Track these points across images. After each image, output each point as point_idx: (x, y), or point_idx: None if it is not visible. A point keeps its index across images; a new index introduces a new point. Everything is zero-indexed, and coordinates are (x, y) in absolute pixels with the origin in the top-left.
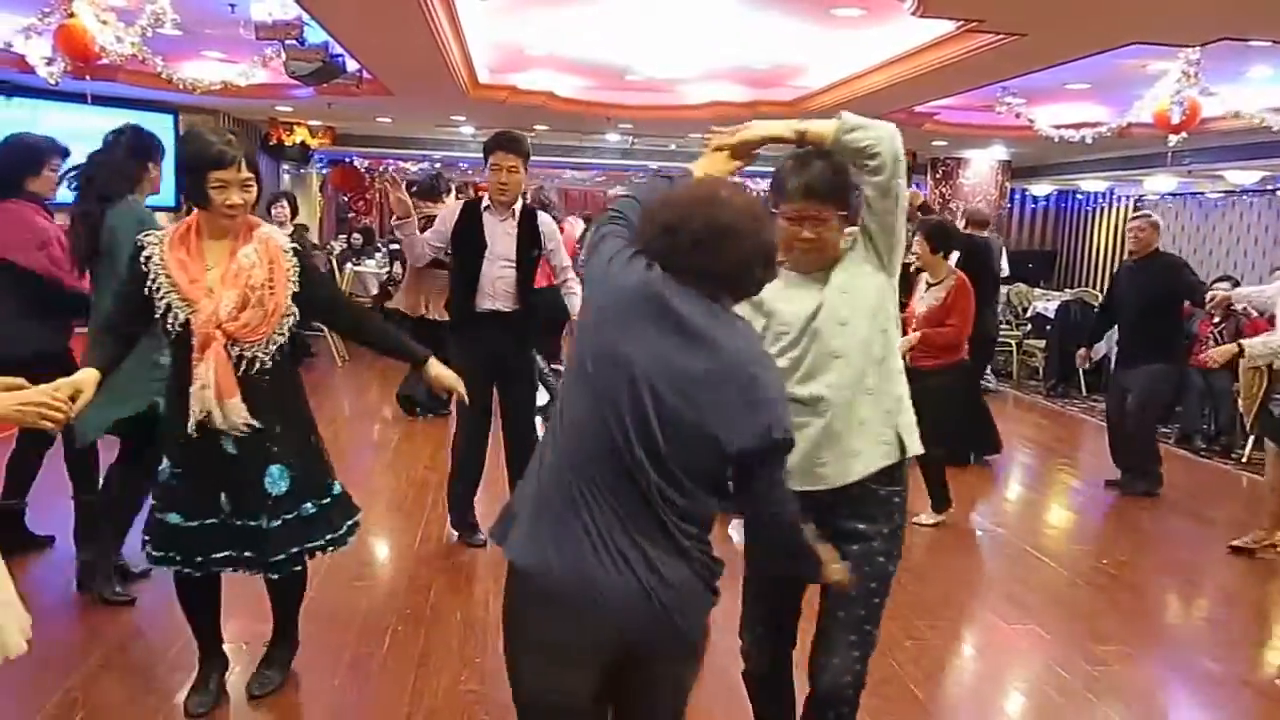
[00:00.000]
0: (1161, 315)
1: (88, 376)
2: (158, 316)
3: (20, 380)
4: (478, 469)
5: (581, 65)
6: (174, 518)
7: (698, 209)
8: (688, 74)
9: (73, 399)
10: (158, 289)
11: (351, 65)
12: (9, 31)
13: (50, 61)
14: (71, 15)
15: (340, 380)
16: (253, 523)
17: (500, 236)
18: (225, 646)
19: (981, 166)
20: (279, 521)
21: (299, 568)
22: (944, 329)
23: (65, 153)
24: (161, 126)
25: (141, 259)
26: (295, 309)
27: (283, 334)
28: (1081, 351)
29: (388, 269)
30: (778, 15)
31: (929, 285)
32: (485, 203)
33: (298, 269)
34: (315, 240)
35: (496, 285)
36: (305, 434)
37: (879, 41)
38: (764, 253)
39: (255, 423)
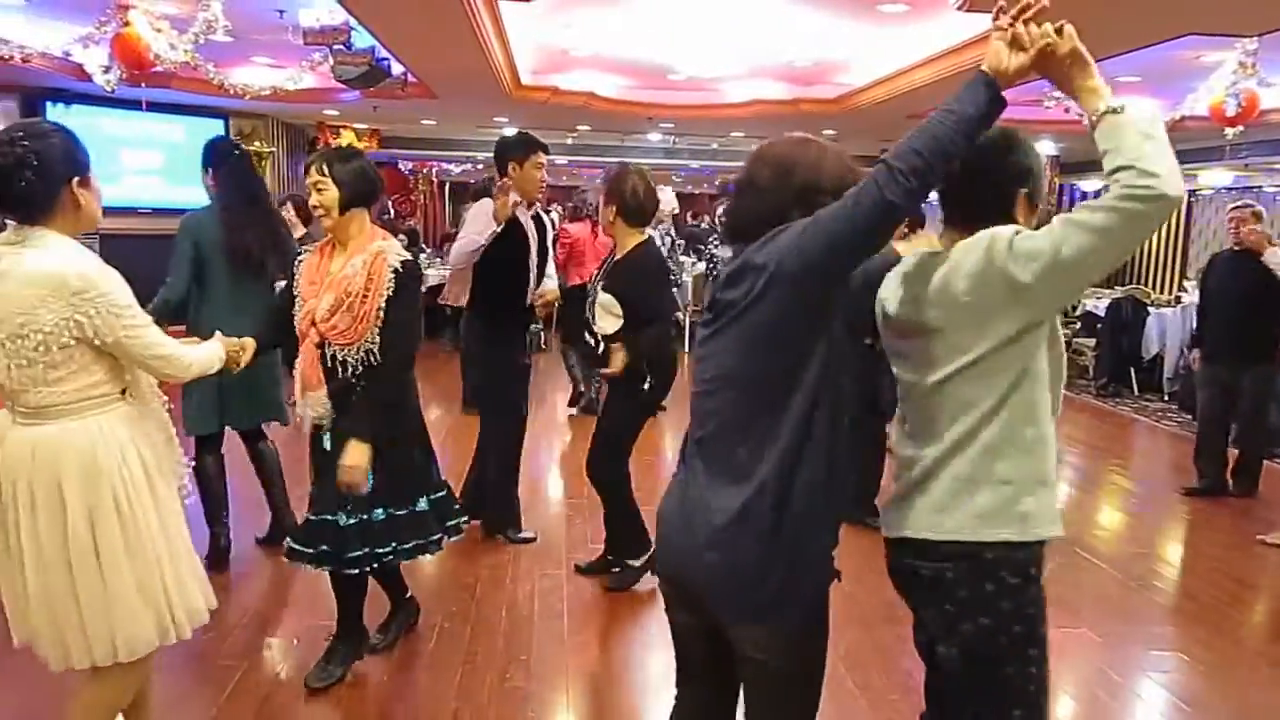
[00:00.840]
0: (1264, 309)
1: (249, 341)
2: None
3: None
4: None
5: (623, 65)
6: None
7: (738, 175)
8: (730, 72)
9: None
10: (294, 287)
11: (397, 69)
12: (68, 40)
13: (107, 69)
14: (127, 24)
15: None
16: (328, 517)
17: (531, 233)
18: (276, 641)
19: None
20: (354, 521)
21: (368, 570)
22: None
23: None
24: (213, 131)
25: (296, 261)
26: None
27: (373, 342)
28: (1194, 354)
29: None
30: (822, 12)
31: None
32: (515, 199)
33: (392, 287)
34: None
35: (534, 279)
36: (400, 442)
37: (923, 37)
38: (798, 198)
39: (325, 417)
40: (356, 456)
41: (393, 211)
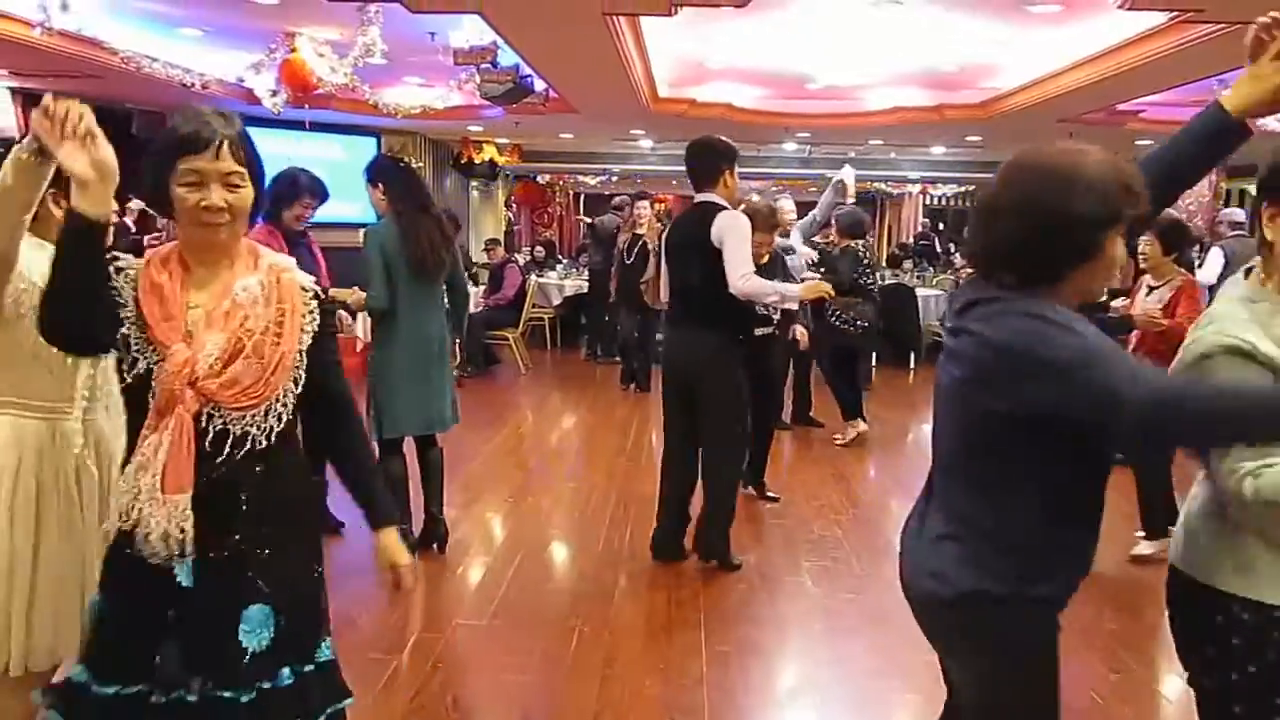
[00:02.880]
0: None
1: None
2: (115, 357)
3: None
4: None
5: (761, 75)
6: (79, 673)
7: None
8: (870, 80)
9: None
10: (121, 320)
11: (538, 85)
12: (240, 67)
13: (275, 93)
14: (294, 50)
15: (523, 388)
16: (226, 694)
17: None
18: (427, 638)
19: None
20: (254, 694)
21: None
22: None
23: (324, 195)
24: (368, 148)
25: (112, 271)
26: (304, 367)
27: (286, 403)
28: None
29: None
30: (969, 15)
31: (1150, 289)
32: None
33: (315, 319)
34: (504, 252)
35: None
36: (308, 561)
37: (1077, 38)
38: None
39: (185, 537)
40: (403, 550)
41: (509, 222)
